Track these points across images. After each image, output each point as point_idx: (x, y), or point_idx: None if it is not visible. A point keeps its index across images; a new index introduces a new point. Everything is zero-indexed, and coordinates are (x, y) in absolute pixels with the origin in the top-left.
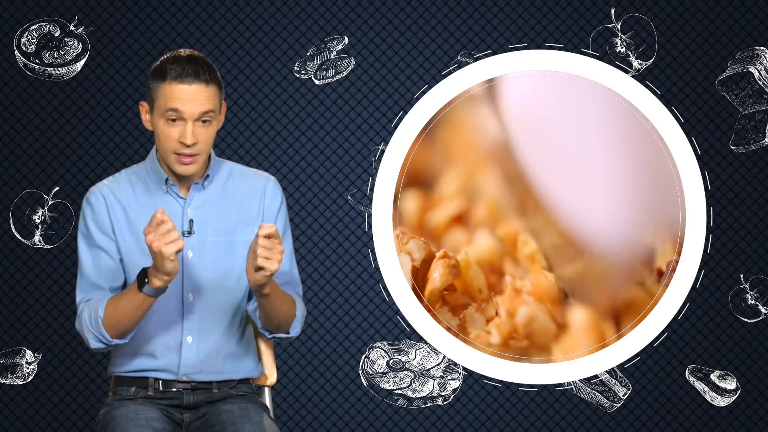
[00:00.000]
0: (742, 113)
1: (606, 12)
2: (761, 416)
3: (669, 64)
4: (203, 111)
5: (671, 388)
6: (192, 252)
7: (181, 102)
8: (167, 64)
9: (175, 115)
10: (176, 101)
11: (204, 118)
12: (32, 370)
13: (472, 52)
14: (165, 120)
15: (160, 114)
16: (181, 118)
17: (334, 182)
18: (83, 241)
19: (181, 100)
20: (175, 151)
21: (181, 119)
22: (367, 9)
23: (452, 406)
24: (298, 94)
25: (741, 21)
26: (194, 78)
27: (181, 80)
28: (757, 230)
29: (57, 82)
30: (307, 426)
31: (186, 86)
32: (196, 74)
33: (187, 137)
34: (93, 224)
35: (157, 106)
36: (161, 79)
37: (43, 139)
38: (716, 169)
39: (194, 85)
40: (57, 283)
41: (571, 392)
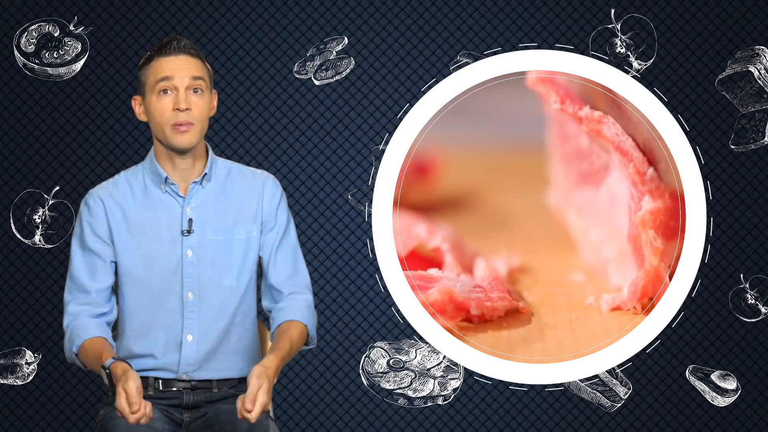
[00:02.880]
0: (742, 113)
1: (606, 12)
2: (761, 416)
3: (669, 64)
4: (193, 76)
5: (671, 388)
6: (191, 251)
7: (171, 70)
8: (152, 51)
9: (166, 84)
10: (166, 70)
11: (195, 85)
12: (32, 370)
13: (472, 52)
14: (157, 94)
15: (152, 91)
16: (173, 87)
17: (334, 182)
18: (76, 242)
19: (171, 68)
20: (171, 121)
21: (173, 89)
22: (367, 9)
23: (452, 406)
24: (298, 95)
25: (741, 21)
26: (179, 50)
27: (168, 53)
28: (757, 230)
29: (57, 82)
30: (307, 426)
31: (173, 57)
32: (180, 47)
33: (180, 102)
34: (88, 227)
35: (148, 85)
36: (148, 62)
37: (43, 139)
38: (716, 169)
39: (181, 56)
40: (57, 283)
41: (571, 392)
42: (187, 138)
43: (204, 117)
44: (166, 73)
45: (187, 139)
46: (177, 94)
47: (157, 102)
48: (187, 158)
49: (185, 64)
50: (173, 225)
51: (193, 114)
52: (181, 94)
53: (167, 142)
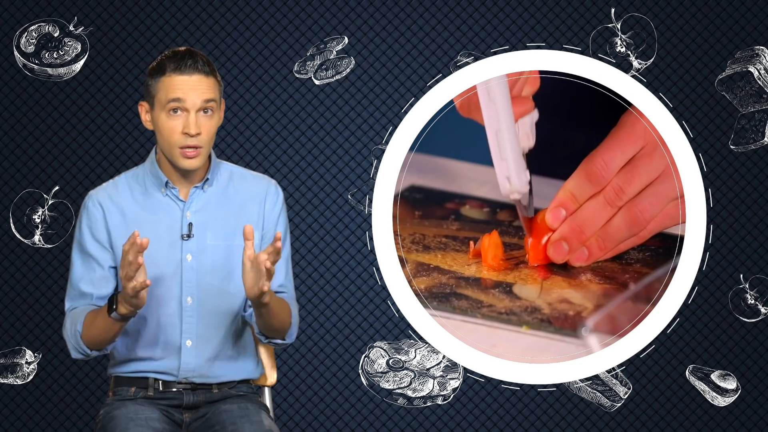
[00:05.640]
0: (742, 113)
1: (606, 12)
2: (761, 416)
3: (669, 64)
4: (205, 99)
5: (671, 388)
6: (191, 255)
7: (183, 91)
8: (165, 60)
9: (177, 105)
10: (177, 91)
11: (206, 107)
12: (32, 370)
13: (472, 52)
14: (167, 113)
15: (162, 107)
16: (184, 109)
17: (334, 182)
18: (76, 248)
19: (183, 89)
20: (179, 144)
21: (183, 110)
22: (367, 9)
23: (452, 406)
24: (298, 94)
25: (741, 21)
26: (194, 69)
27: (181, 71)
28: (757, 230)
29: (57, 82)
30: (307, 426)
31: (186, 77)
32: (195, 66)
33: (190, 126)
34: (87, 231)
35: (158, 101)
36: (160, 74)
37: (43, 139)
38: (716, 169)
39: (194, 76)
40: (57, 283)
41: (571, 392)
42: (194, 163)
43: (212, 137)
44: (178, 95)
45: (194, 163)
46: (187, 117)
47: (167, 121)
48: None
49: (198, 84)
50: (173, 229)
51: (203, 138)
52: (192, 118)
53: (173, 162)
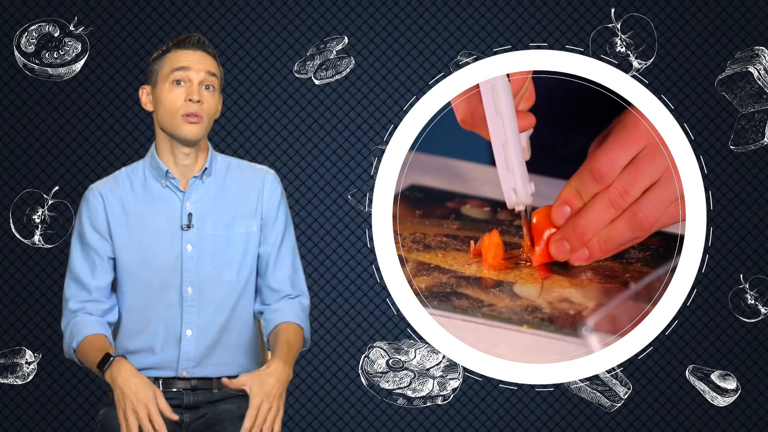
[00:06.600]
0: (742, 113)
1: (606, 12)
2: (761, 416)
3: (669, 63)
4: (208, 71)
5: (671, 388)
6: (191, 245)
7: (188, 62)
8: (169, 44)
9: (181, 75)
10: (182, 61)
11: (208, 81)
12: (32, 370)
13: (473, 51)
14: (170, 84)
15: (165, 79)
16: (188, 79)
17: (334, 182)
18: (76, 238)
19: (188, 60)
20: (182, 111)
21: (187, 80)
22: (367, 9)
23: (452, 406)
24: (298, 94)
25: (741, 21)
26: (198, 46)
27: (186, 47)
28: (757, 230)
29: (57, 82)
30: (307, 426)
31: (191, 51)
32: (199, 43)
33: (194, 93)
34: (87, 222)
35: (162, 75)
36: (164, 54)
37: (43, 139)
38: (716, 169)
39: (198, 51)
40: (57, 283)
41: (570, 392)
42: (195, 129)
43: (212, 114)
44: (183, 64)
45: (195, 130)
46: (191, 86)
47: (170, 91)
48: (189, 152)
49: (202, 59)
50: (173, 219)
51: (204, 108)
52: (195, 87)
53: (175, 131)
